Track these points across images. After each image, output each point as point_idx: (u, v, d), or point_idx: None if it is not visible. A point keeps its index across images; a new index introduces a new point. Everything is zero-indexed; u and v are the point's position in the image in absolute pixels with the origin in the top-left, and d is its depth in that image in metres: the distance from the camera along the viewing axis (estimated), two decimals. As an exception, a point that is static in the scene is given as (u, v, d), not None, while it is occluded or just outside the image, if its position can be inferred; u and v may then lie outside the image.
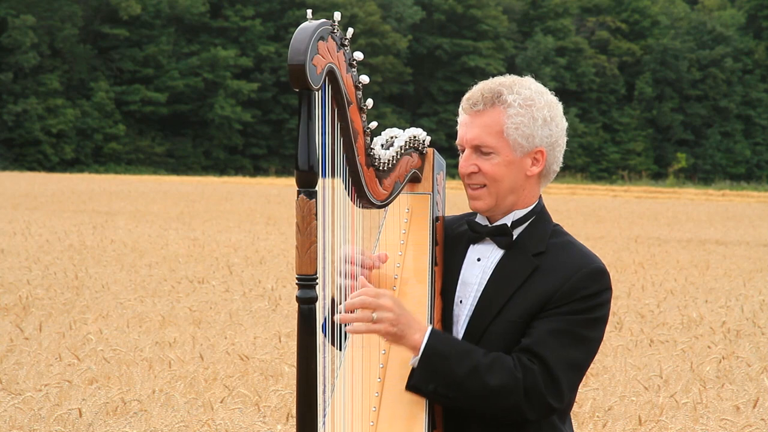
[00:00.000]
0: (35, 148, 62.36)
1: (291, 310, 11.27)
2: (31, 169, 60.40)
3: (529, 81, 3.24)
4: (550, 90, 3.26)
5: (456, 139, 3.30)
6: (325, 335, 3.13)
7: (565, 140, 3.28)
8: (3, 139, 61.94)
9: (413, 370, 3.09)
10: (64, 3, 64.71)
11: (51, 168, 61.44)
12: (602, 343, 9.91)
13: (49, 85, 63.46)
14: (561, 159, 3.28)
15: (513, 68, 69.35)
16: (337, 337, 3.18)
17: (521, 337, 3.16)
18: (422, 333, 3.06)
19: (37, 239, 18.61)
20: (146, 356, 8.62)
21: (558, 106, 3.25)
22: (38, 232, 20.20)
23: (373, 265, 3.25)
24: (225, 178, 57.60)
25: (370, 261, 3.24)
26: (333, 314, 3.11)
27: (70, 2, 64.94)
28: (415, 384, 3.08)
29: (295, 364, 8.49)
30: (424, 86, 72.22)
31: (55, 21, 64.63)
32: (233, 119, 66.37)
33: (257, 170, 66.74)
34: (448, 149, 52.79)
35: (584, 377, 8.18)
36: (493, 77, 3.28)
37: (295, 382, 7.69)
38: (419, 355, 3.06)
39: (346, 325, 3.04)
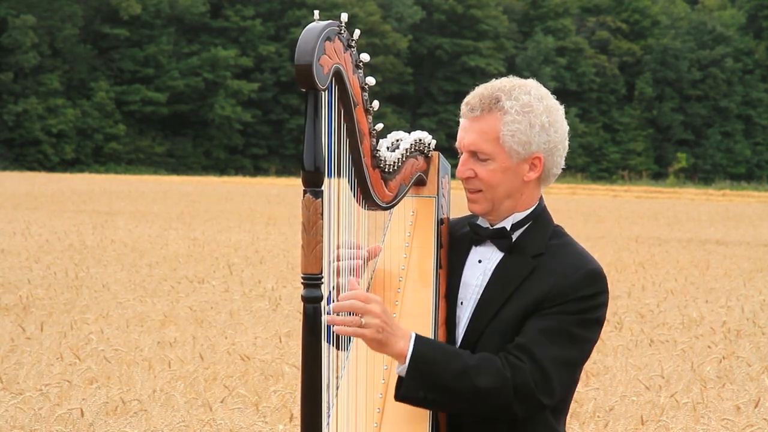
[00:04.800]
0: (35, 148, 62.35)
1: (291, 310, 11.27)
2: (31, 169, 60.37)
3: (530, 85, 3.21)
4: (551, 91, 3.24)
5: (456, 140, 3.29)
6: (329, 342, 3.08)
7: (567, 144, 3.26)
8: (3, 139, 61.94)
9: (400, 378, 3.04)
10: (64, 3, 64.69)
11: (51, 168, 61.41)
12: (602, 343, 9.90)
13: (50, 85, 63.45)
14: (562, 162, 3.25)
15: (513, 68, 69.37)
16: (339, 338, 3.16)
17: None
18: (406, 340, 3.02)
19: (38, 239, 18.60)
20: (146, 356, 8.63)
21: (558, 111, 3.22)
22: (38, 232, 20.19)
23: (366, 257, 3.23)
24: (225, 178, 57.59)
25: (361, 254, 3.23)
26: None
27: (70, 2, 64.92)
28: (405, 393, 3.04)
29: (296, 364, 8.47)
30: (424, 86, 72.21)
31: (55, 21, 64.62)
32: (233, 119, 66.35)
33: (257, 170, 66.72)
34: (449, 149, 52.54)
35: (584, 377, 8.21)
36: (496, 78, 3.27)
37: (295, 382, 7.69)
38: (407, 363, 3.01)
39: (333, 326, 3.01)
